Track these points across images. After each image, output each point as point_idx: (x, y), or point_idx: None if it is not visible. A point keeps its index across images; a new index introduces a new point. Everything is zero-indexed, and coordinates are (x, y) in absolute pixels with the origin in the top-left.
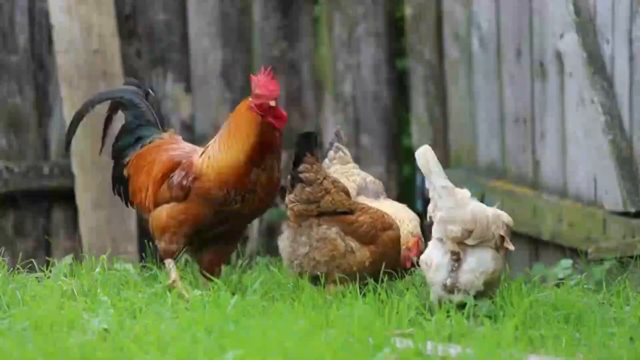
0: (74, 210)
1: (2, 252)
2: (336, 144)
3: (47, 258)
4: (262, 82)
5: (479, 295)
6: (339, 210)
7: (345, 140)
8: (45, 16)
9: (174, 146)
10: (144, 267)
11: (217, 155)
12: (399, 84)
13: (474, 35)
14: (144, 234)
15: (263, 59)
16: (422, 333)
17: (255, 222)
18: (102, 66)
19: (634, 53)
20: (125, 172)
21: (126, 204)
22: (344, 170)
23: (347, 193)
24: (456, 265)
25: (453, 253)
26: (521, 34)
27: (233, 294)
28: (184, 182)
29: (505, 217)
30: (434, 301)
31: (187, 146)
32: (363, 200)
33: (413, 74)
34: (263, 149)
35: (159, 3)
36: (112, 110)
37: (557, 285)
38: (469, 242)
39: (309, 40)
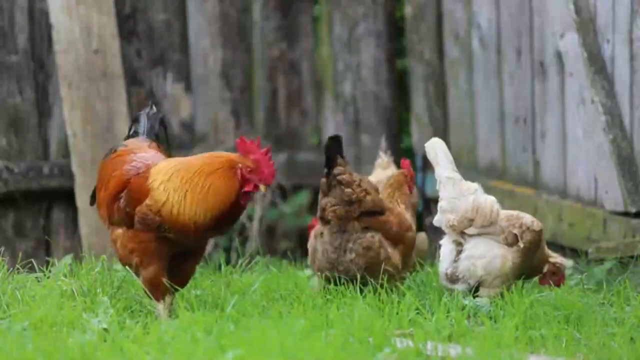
0: (74, 210)
1: (2, 252)
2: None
3: (46, 258)
4: (260, 159)
5: (484, 287)
6: (373, 210)
7: (385, 147)
8: (45, 16)
9: (132, 156)
10: None
11: (179, 198)
12: (399, 84)
13: (474, 35)
14: None
15: (263, 59)
16: (422, 333)
17: (255, 223)
18: (102, 66)
19: (634, 53)
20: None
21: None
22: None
23: (378, 192)
24: (458, 254)
25: (457, 243)
26: (521, 34)
27: (233, 294)
28: (127, 209)
29: (527, 219)
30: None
31: (144, 157)
32: None
33: (413, 74)
34: (229, 219)
35: (158, 3)
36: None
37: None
38: (470, 231)
39: (309, 40)
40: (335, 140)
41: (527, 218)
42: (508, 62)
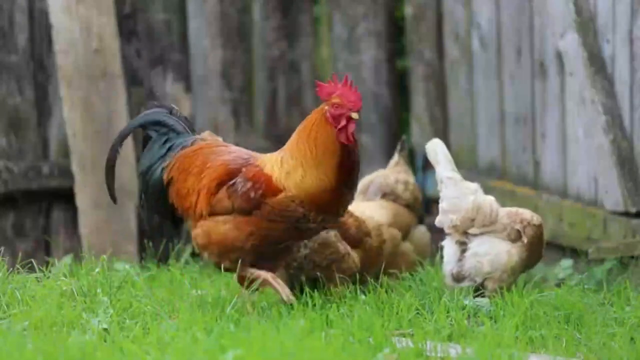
0: (74, 210)
1: (2, 252)
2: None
3: (46, 258)
4: (341, 91)
5: (490, 284)
6: None
7: (400, 147)
8: (45, 16)
9: (222, 149)
10: (143, 267)
11: (301, 173)
12: (399, 84)
13: (474, 35)
14: (144, 234)
15: (263, 59)
16: (422, 333)
17: None
18: (102, 66)
19: (634, 53)
20: (165, 177)
21: (167, 220)
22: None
23: None
24: (462, 254)
25: (460, 243)
26: (521, 34)
27: (233, 294)
28: (252, 194)
29: (527, 215)
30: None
31: (237, 150)
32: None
33: (413, 74)
34: (350, 167)
35: (158, 3)
36: (121, 142)
37: (558, 286)
38: (473, 230)
39: (309, 40)
40: None
41: (527, 213)
42: (508, 62)
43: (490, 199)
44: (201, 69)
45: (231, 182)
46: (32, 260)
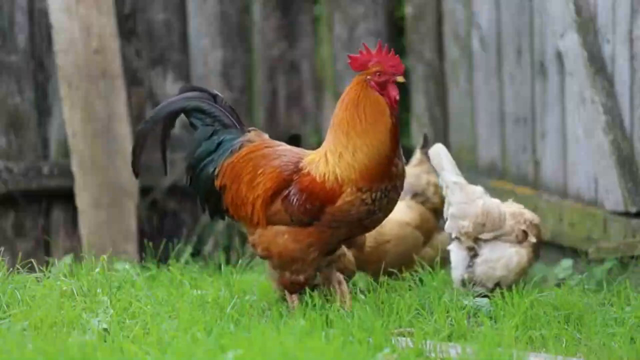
0: (74, 210)
1: (2, 252)
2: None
3: (46, 258)
4: (379, 59)
5: (499, 287)
6: None
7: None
8: (45, 16)
9: (270, 151)
10: (143, 267)
11: (351, 150)
12: (399, 84)
13: (474, 35)
14: (144, 234)
15: (263, 59)
16: (422, 333)
17: None
18: (102, 66)
19: (634, 52)
20: (217, 183)
21: (216, 216)
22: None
23: None
24: (472, 260)
25: (469, 249)
26: (521, 34)
27: (233, 294)
28: (308, 206)
29: (529, 214)
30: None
31: (286, 150)
32: None
33: (413, 74)
34: (396, 132)
35: (158, 2)
36: (169, 122)
37: (558, 286)
38: (485, 236)
39: (309, 40)
40: (295, 140)
41: (528, 213)
42: (508, 62)
43: (496, 201)
44: (201, 69)
45: (285, 193)
46: (32, 260)
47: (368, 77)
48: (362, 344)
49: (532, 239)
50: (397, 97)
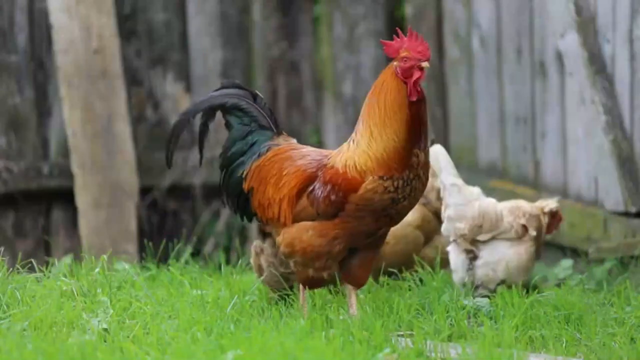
0: (74, 210)
1: (2, 252)
2: None
3: (46, 258)
4: (408, 44)
5: (507, 284)
6: None
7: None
8: (45, 16)
9: (295, 153)
10: (143, 267)
11: (367, 138)
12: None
13: (474, 35)
14: (144, 234)
15: (263, 59)
16: (422, 333)
17: (255, 223)
18: (102, 66)
19: (634, 52)
20: (244, 186)
21: (244, 217)
22: None
23: None
24: (472, 263)
25: (467, 251)
26: (521, 34)
27: (233, 294)
28: (332, 197)
29: (527, 206)
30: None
31: (311, 151)
32: None
33: None
34: (419, 124)
35: (158, 2)
36: (208, 117)
37: (558, 286)
38: (482, 237)
39: (309, 40)
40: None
41: (526, 205)
42: (508, 62)
43: (492, 201)
44: (201, 69)
45: (310, 189)
46: (32, 260)
47: (395, 63)
48: (362, 344)
49: (532, 233)
50: (420, 82)
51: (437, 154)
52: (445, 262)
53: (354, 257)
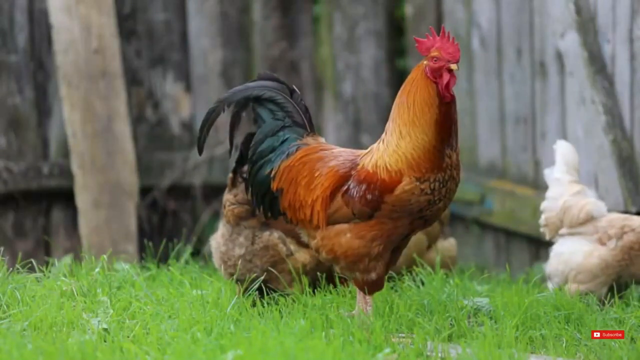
0: (74, 210)
1: (2, 252)
2: None
3: (46, 258)
4: (439, 44)
5: (571, 283)
6: None
7: None
8: (45, 16)
9: (327, 153)
10: (143, 267)
11: (396, 138)
12: (399, 84)
13: (474, 35)
14: (144, 234)
15: (263, 58)
16: (422, 333)
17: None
18: (102, 66)
19: (634, 52)
20: (273, 186)
21: (271, 216)
22: None
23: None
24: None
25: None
26: (522, 34)
27: (233, 294)
28: (369, 197)
29: (636, 222)
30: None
31: (342, 151)
32: None
33: None
34: (449, 124)
35: (158, 2)
36: (241, 108)
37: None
38: (561, 231)
39: (309, 40)
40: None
41: (636, 220)
42: (508, 62)
43: (584, 202)
44: (201, 68)
45: (345, 188)
46: (32, 260)
47: (425, 62)
48: (362, 344)
49: (614, 242)
50: (451, 85)
51: (557, 148)
52: (445, 263)
53: None
